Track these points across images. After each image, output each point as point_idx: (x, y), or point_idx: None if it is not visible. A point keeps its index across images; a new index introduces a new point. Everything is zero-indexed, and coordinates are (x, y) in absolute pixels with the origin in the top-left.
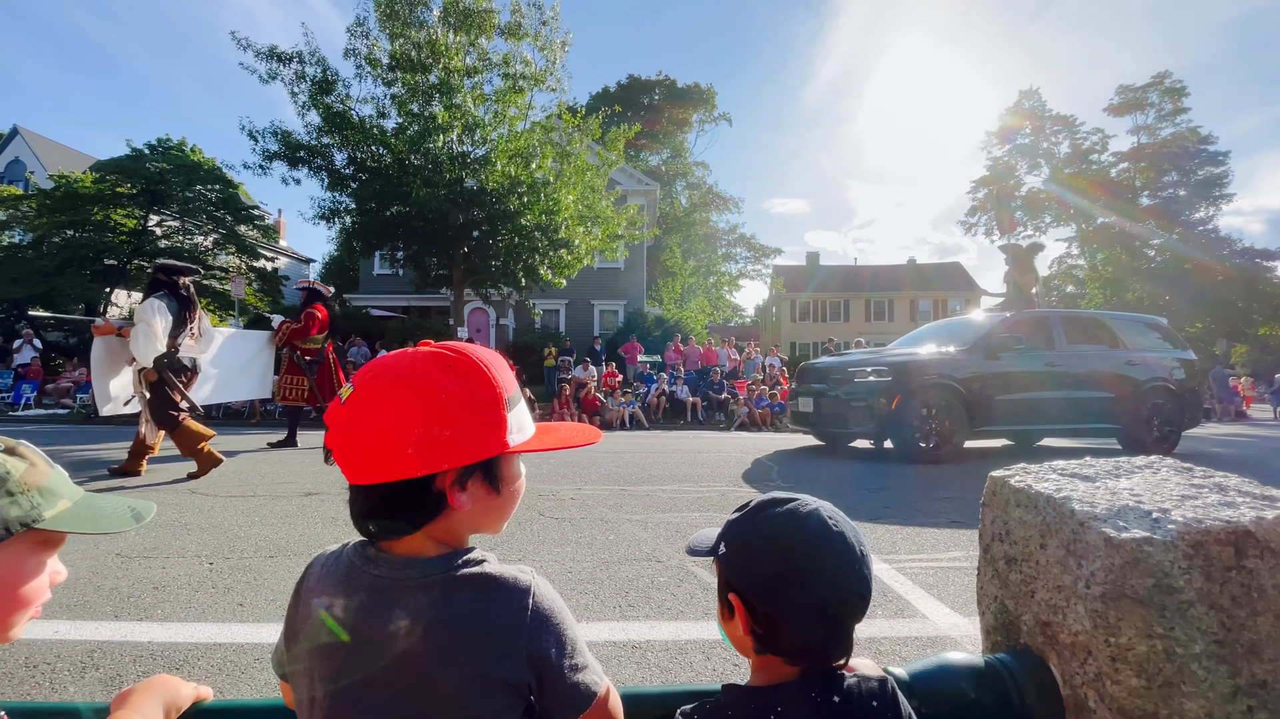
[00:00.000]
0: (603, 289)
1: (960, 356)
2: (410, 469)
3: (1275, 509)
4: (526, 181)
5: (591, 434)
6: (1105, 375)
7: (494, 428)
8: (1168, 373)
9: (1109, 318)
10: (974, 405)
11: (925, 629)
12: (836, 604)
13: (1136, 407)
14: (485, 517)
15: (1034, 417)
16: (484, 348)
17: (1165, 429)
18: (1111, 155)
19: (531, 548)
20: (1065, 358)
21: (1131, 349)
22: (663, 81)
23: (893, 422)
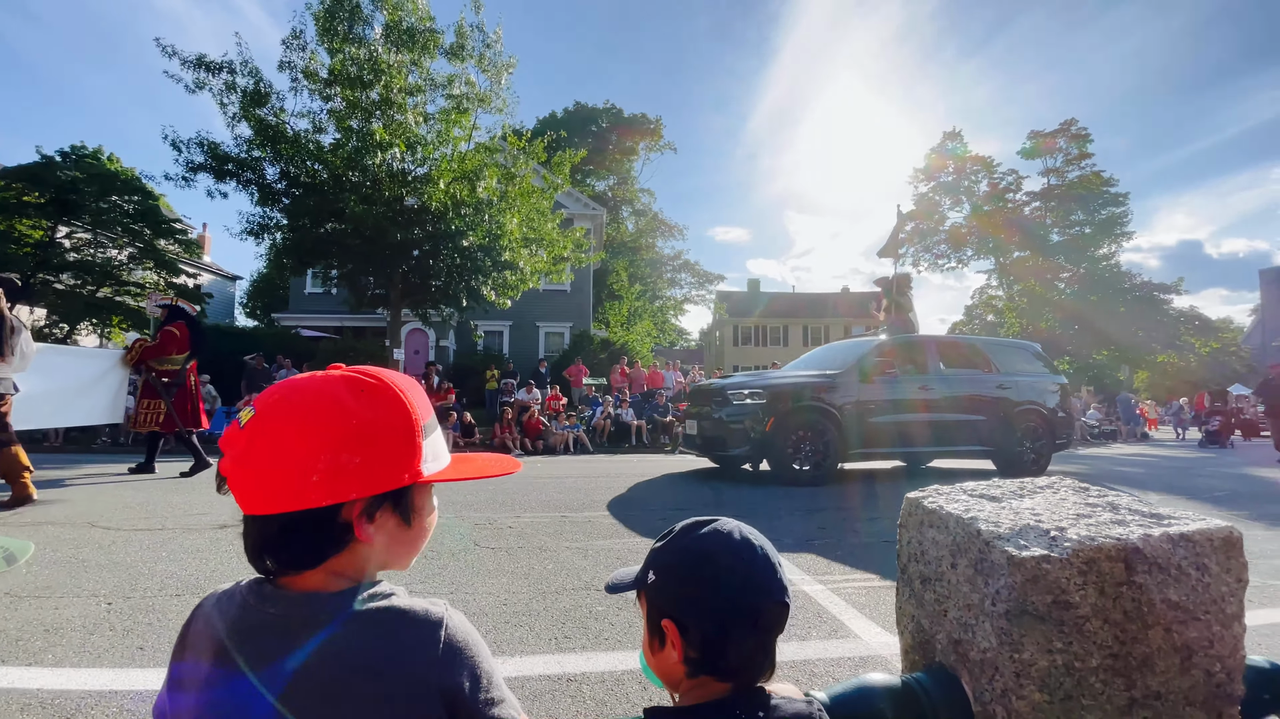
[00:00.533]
0: (548, 311)
1: (835, 380)
2: (315, 498)
3: (1162, 527)
4: (470, 202)
5: (509, 464)
6: (978, 399)
7: (407, 456)
8: (1040, 397)
9: (983, 343)
10: (848, 428)
11: (858, 649)
12: (766, 614)
13: (1008, 429)
14: (394, 550)
15: (908, 439)
16: (400, 373)
17: (1037, 451)
18: (1025, 195)
19: (465, 579)
20: (939, 382)
21: (1005, 373)
22: (610, 110)
23: (767, 443)
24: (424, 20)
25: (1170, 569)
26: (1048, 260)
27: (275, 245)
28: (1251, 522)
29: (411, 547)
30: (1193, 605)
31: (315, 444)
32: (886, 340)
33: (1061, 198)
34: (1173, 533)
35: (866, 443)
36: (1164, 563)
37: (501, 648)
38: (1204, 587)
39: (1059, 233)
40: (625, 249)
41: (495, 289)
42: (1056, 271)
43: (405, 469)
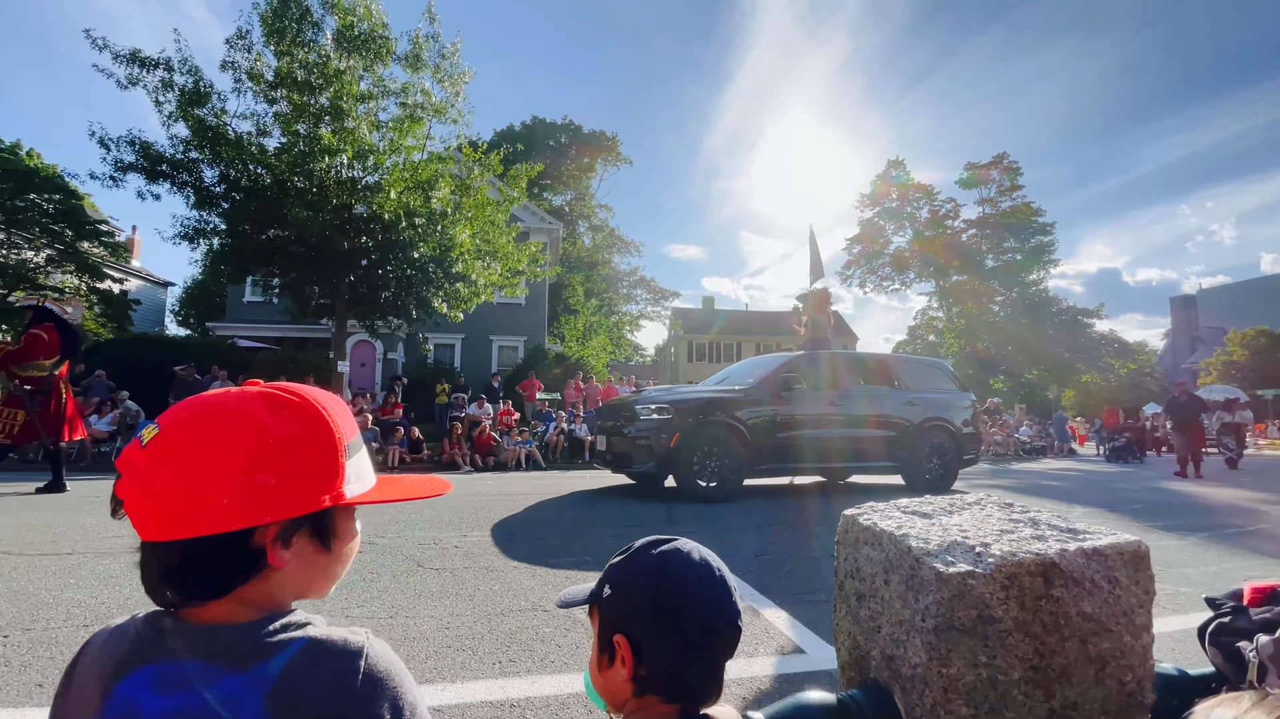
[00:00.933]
0: (502, 324)
1: (743, 396)
2: (225, 522)
3: (1077, 542)
4: (423, 212)
5: (439, 485)
6: (886, 415)
7: (328, 476)
8: (948, 413)
9: (893, 360)
10: (755, 444)
11: (804, 665)
12: (719, 635)
13: (915, 445)
14: (312, 577)
15: (816, 455)
16: (324, 390)
17: (944, 466)
18: (962, 222)
19: (406, 602)
20: (848, 398)
21: (913, 390)
22: (568, 125)
23: (671, 459)
24: (377, 27)
25: (1085, 583)
26: (984, 284)
27: (212, 251)
28: (1165, 532)
29: (330, 573)
30: (1105, 617)
31: (226, 463)
32: (796, 357)
33: (995, 226)
34: (1086, 547)
35: (774, 458)
36: (1079, 577)
37: (443, 674)
38: (1115, 599)
39: (993, 258)
40: (582, 264)
41: (447, 301)
42: (991, 295)
43: (326, 490)
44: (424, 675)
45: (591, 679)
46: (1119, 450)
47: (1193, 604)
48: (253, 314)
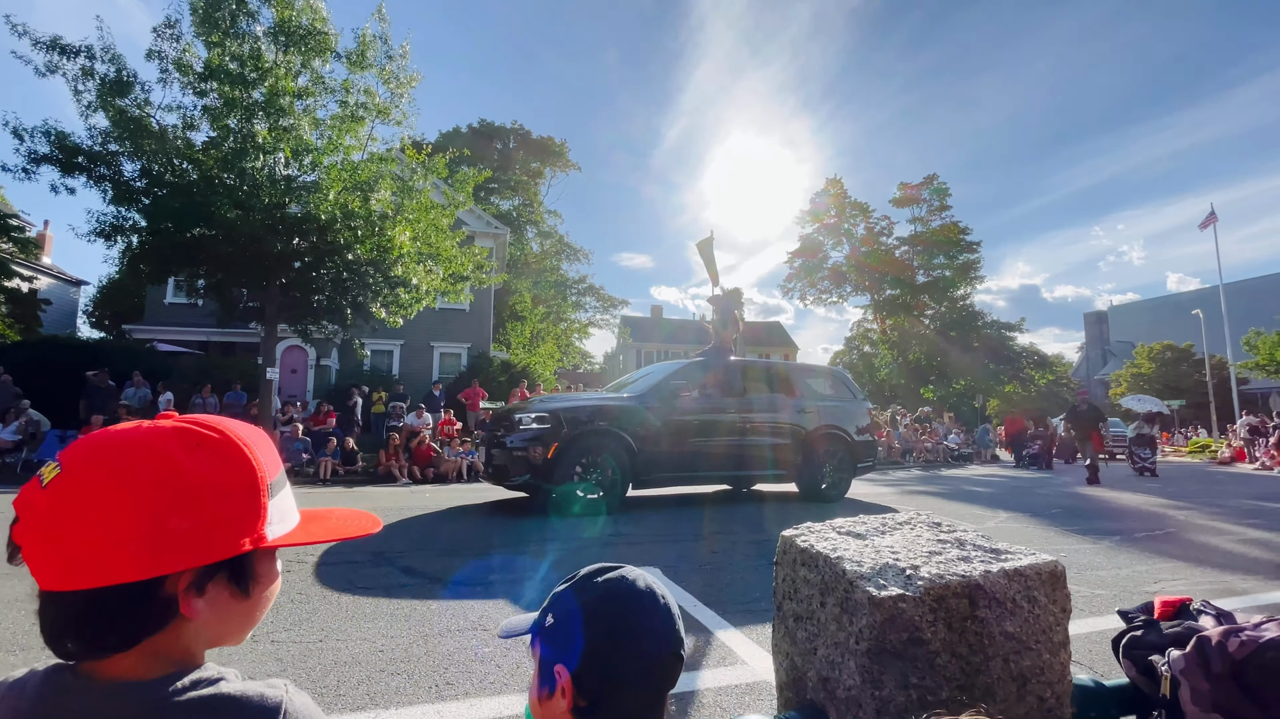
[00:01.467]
0: (444, 331)
1: (631, 403)
2: (133, 570)
3: (1000, 562)
4: (362, 214)
5: (369, 523)
6: (779, 423)
7: (249, 518)
8: (843, 421)
9: (790, 368)
10: (643, 453)
11: (745, 676)
12: (663, 664)
13: (809, 453)
14: (227, 626)
15: (707, 464)
16: (244, 423)
17: (837, 475)
18: (896, 239)
19: (337, 625)
20: (741, 405)
21: (808, 398)
22: (517, 130)
23: (548, 471)
24: (317, 21)
25: (1007, 603)
26: (915, 298)
27: (131, 249)
28: (1081, 536)
29: (248, 619)
30: (1026, 636)
31: (135, 508)
32: (687, 364)
33: (926, 243)
34: (1008, 568)
35: (664, 468)
36: (1001, 597)
37: (376, 700)
38: (1035, 618)
39: (924, 274)
40: (529, 270)
41: (386, 306)
42: (923, 309)
43: (246, 534)
44: (356, 703)
45: (531, 710)
46: (1033, 457)
47: (1107, 606)
48: (174, 316)
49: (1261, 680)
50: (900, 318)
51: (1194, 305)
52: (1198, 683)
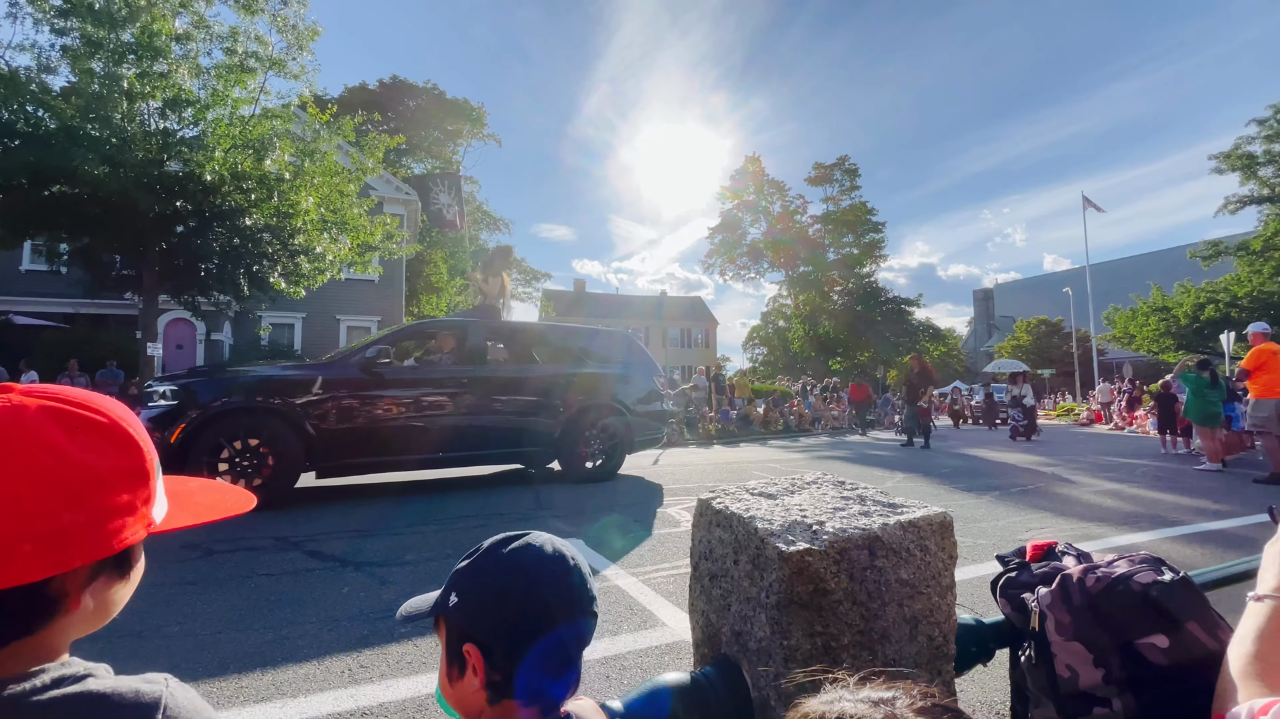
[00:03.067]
0: (352, 303)
1: (311, 375)
2: (26, 572)
3: (896, 516)
4: (254, 175)
5: (242, 500)
6: (534, 394)
7: (141, 505)
8: (617, 391)
9: (557, 332)
10: (325, 434)
11: (666, 637)
12: (577, 629)
13: (572, 427)
14: (101, 614)
15: (427, 443)
16: (112, 400)
17: (608, 451)
18: (809, 217)
19: (237, 615)
20: (477, 376)
21: (577, 365)
22: (431, 89)
23: (179, 458)
24: None
25: (902, 552)
26: (826, 275)
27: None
28: (966, 493)
29: (118, 607)
30: (918, 582)
31: (26, 505)
32: (403, 329)
33: (837, 222)
34: (903, 520)
35: (356, 450)
36: (897, 547)
37: (282, 689)
38: (926, 565)
39: (834, 252)
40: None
41: (286, 277)
42: (832, 285)
43: (140, 521)
44: (260, 694)
45: (442, 692)
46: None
47: (987, 553)
48: (34, 285)
49: (1112, 610)
50: (811, 294)
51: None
52: (1061, 615)
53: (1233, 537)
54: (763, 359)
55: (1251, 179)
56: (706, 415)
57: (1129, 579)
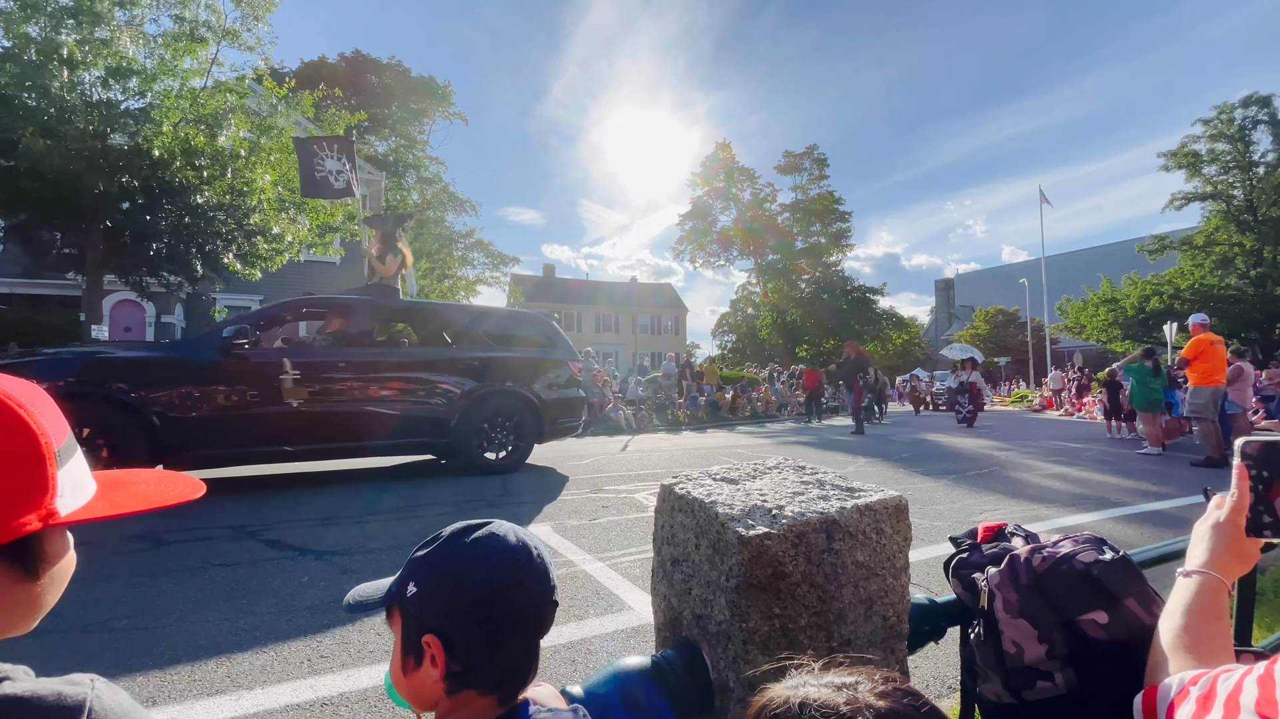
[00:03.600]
0: (313, 285)
1: (161, 356)
2: None
3: (854, 500)
4: (207, 151)
5: (189, 488)
6: (428, 379)
7: (34, 493)
8: (527, 377)
9: (462, 312)
10: (172, 423)
11: (632, 621)
12: (539, 617)
13: (471, 414)
14: (12, 613)
15: (295, 435)
16: (17, 380)
17: (514, 441)
18: (778, 206)
19: (190, 607)
20: (358, 359)
21: (482, 349)
22: (395, 66)
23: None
24: None
25: (858, 535)
26: (794, 263)
27: None
28: (924, 476)
29: (35, 606)
30: (873, 564)
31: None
32: (274, 306)
33: (805, 211)
34: (860, 504)
35: (206, 442)
36: (854, 530)
37: (237, 682)
38: (881, 547)
39: (802, 240)
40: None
41: (241, 257)
42: (800, 273)
43: (33, 511)
44: (215, 687)
45: (394, 683)
46: (867, 409)
47: (943, 535)
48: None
49: (1056, 588)
50: (780, 282)
51: (1021, 275)
52: (1008, 594)
53: (1171, 517)
54: (731, 346)
55: (1196, 177)
56: (676, 402)
57: (1072, 559)
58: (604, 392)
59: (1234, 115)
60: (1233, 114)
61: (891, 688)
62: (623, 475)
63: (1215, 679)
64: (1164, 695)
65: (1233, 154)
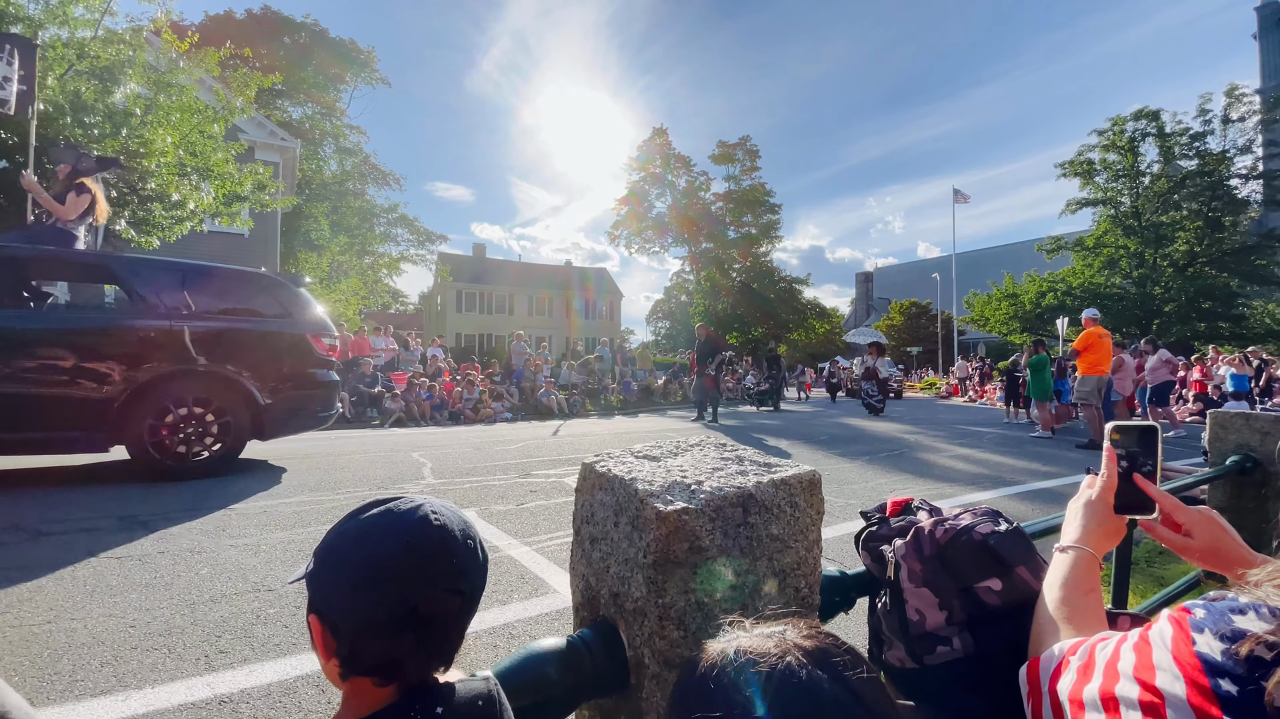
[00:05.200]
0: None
1: None
2: None
3: (770, 475)
4: (99, 108)
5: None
6: (69, 359)
7: None
8: (245, 354)
9: (145, 266)
10: None
11: (556, 604)
12: (430, 605)
13: (138, 404)
14: None
15: None
16: None
17: (221, 437)
18: (712, 194)
19: (72, 603)
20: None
21: (162, 318)
22: (311, 25)
23: None
24: None
25: (773, 509)
26: (726, 252)
27: None
28: (841, 457)
29: None
30: (787, 537)
31: None
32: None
33: (738, 201)
34: (776, 478)
35: None
36: (769, 504)
37: (125, 681)
38: (795, 520)
39: (734, 230)
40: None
41: (135, 225)
42: (732, 262)
43: None
44: (99, 687)
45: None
46: (761, 395)
47: (857, 512)
48: None
49: (957, 558)
50: (712, 270)
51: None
52: (913, 564)
53: (1058, 494)
54: (665, 332)
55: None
56: (609, 387)
57: (971, 530)
58: (536, 376)
59: (1125, 127)
60: (1124, 126)
61: (815, 632)
62: (552, 460)
63: (1093, 648)
64: (1045, 666)
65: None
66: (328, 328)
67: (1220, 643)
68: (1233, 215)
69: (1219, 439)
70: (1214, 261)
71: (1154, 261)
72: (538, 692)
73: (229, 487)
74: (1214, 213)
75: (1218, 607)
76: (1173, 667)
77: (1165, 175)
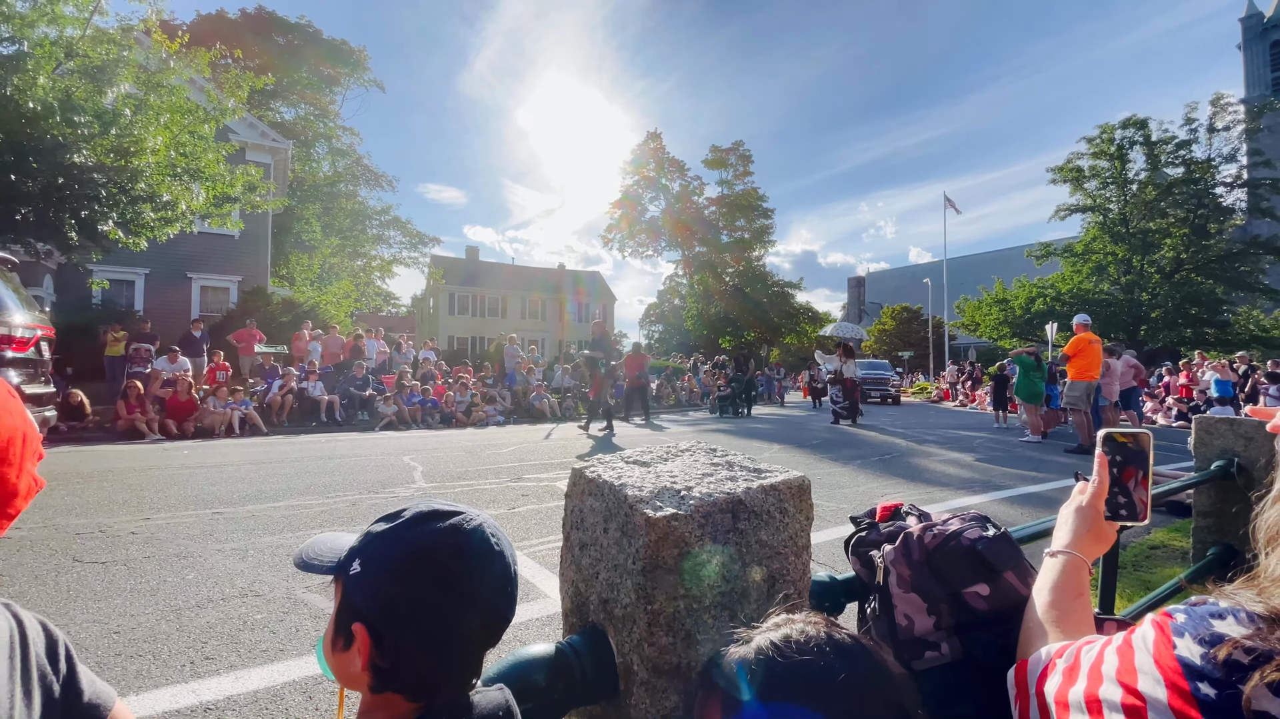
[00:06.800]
0: (208, 260)
1: None
2: None
3: (760, 480)
4: (90, 109)
5: None
6: None
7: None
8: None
9: None
10: None
11: (548, 609)
12: (484, 630)
13: None
14: None
15: None
16: None
17: None
18: (705, 199)
19: (54, 607)
20: None
21: None
22: (304, 26)
23: None
24: None
25: (763, 515)
26: (719, 256)
27: None
28: (833, 462)
29: None
30: (777, 543)
31: None
32: None
33: (731, 206)
34: (765, 484)
35: None
36: (759, 510)
37: None
38: (785, 526)
39: (727, 234)
40: (319, 194)
41: (124, 225)
42: (725, 267)
43: None
44: None
45: (324, 652)
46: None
47: (847, 517)
48: None
49: (945, 564)
50: (705, 274)
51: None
52: (902, 569)
53: (1047, 498)
54: (658, 336)
55: (1079, 190)
56: None
57: (959, 535)
58: (528, 379)
59: (1114, 135)
60: (1113, 134)
61: (822, 618)
62: (544, 464)
63: (1079, 651)
64: (1033, 668)
65: (1111, 171)
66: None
67: (1200, 647)
68: (1218, 222)
69: (1204, 444)
70: (1200, 268)
71: (1141, 268)
72: (526, 698)
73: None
74: (1200, 220)
75: (1198, 611)
76: (1154, 670)
77: (1153, 182)
